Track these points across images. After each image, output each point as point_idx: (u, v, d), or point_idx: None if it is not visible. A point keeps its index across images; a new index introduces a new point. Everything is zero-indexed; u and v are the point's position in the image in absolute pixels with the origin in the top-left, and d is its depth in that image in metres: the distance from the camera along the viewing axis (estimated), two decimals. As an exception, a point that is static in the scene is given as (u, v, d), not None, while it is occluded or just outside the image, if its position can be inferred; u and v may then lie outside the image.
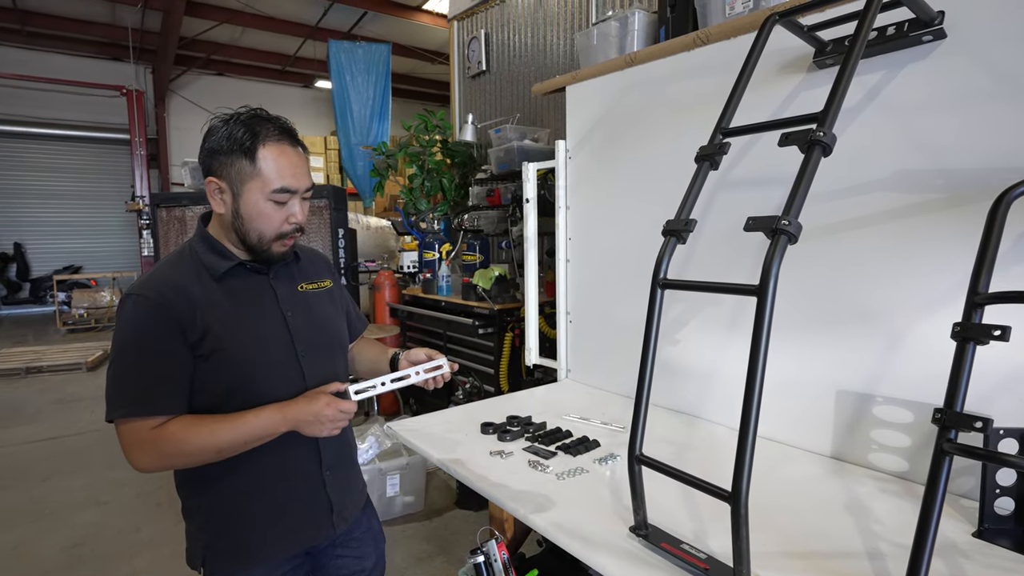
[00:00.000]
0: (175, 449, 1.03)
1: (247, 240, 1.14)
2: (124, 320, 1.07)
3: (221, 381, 1.11)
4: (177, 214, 4.56)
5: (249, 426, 1.06)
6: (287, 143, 1.13)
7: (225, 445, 1.05)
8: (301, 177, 1.13)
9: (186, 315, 1.06)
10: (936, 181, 1.24)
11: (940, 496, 0.84)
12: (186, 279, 1.10)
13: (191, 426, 1.05)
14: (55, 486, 3.45)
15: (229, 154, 1.09)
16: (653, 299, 1.10)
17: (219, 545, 1.17)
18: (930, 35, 1.20)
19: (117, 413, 1.04)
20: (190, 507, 1.21)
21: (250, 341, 1.14)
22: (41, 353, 6.68)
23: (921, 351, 1.28)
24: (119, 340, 1.07)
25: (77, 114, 9.98)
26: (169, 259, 1.16)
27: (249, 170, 1.09)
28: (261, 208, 1.11)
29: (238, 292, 1.16)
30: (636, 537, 1.08)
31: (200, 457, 1.06)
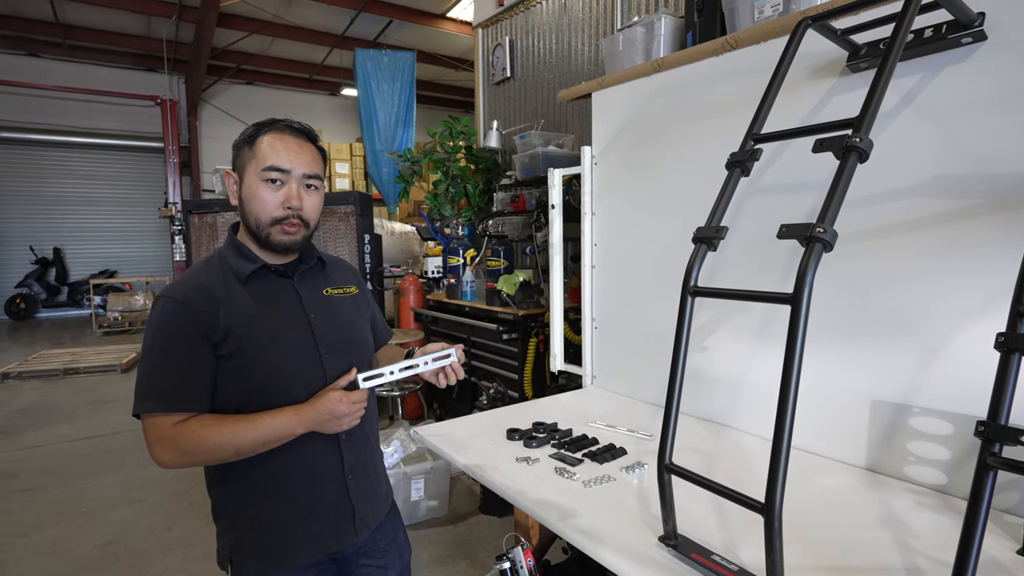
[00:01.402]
0: (194, 446, 1.06)
1: (249, 226, 1.17)
2: (152, 321, 1.12)
3: (244, 381, 1.13)
4: (208, 220, 4.67)
5: (266, 427, 1.09)
6: (289, 133, 1.18)
7: (242, 445, 1.08)
8: (296, 160, 1.15)
9: (210, 315, 1.10)
10: (977, 186, 1.21)
11: (984, 512, 0.82)
12: (212, 281, 1.14)
13: (210, 425, 1.08)
14: (91, 484, 3.55)
15: (240, 147, 1.18)
16: (683, 307, 1.09)
17: (244, 546, 1.20)
18: (970, 37, 1.17)
19: (142, 408, 1.08)
20: (219, 508, 1.23)
21: (273, 341, 1.16)
22: (78, 355, 6.90)
23: (961, 361, 1.24)
24: (147, 340, 1.11)
25: (114, 123, 10.32)
26: (198, 264, 1.20)
27: (249, 155, 1.16)
28: (255, 189, 1.14)
29: (263, 294, 1.19)
30: (665, 547, 1.07)
31: (218, 455, 1.09)
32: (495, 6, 4.25)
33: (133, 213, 11.00)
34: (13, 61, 9.42)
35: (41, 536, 2.93)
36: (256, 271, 1.19)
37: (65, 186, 10.50)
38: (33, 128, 9.80)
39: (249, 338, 1.13)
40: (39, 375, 6.21)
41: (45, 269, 10.38)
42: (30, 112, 9.74)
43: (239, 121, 11.08)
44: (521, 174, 3.46)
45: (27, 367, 6.28)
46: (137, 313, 9.32)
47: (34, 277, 10.21)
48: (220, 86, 10.86)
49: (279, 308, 1.20)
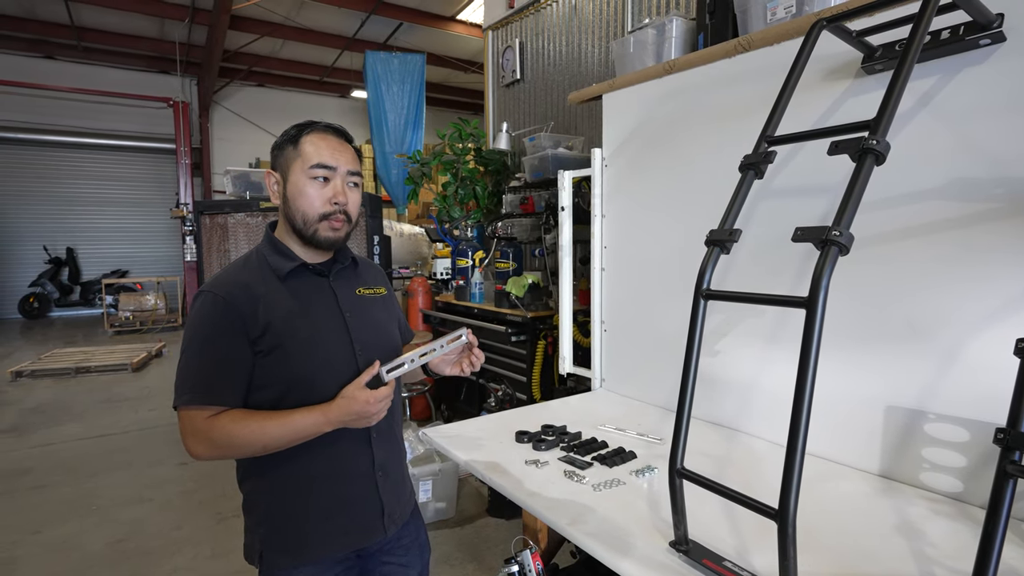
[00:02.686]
0: (224, 440, 1.08)
1: (295, 224, 1.19)
2: (193, 315, 1.14)
3: (281, 376, 1.15)
4: (219, 221, 4.70)
5: (293, 424, 1.10)
6: (331, 133, 1.21)
7: (270, 441, 1.10)
8: (340, 158, 1.19)
9: (249, 311, 1.12)
10: (995, 190, 1.19)
11: (1003, 520, 0.80)
12: (251, 278, 1.17)
13: (240, 420, 1.09)
14: (102, 482, 3.58)
15: (282, 147, 1.20)
16: (696, 310, 1.08)
17: (275, 540, 1.20)
18: (988, 38, 1.16)
19: (179, 400, 1.10)
20: (251, 502, 1.24)
21: (311, 338, 1.18)
22: (90, 354, 6.97)
23: (979, 367, 1.22)
24: (187, 333, 1.13)
25: (127, 125, 10.43)
26: (237, 261, 1.23)
27: (293, 154, 1.18)
28: (302, 187, 1.17)
29: (301, 292, 1.21)
30: (676, 552, 1.06)
31: (247, 450, 1.11)
32: (505, 8, 4.26)
33: (145, 214, 11.10)
34: (29, 63, 9.54)
35: (52, 533, 2.95)
36: (294, 269, 1.21)
37: (79, 187, 10.62)
38: (48, 129, 9.93)
39: (288, 334, 1.15)
40: (51, 374, 6.28)
41: (58, 269, 10.49)
42: (45, 113, 9.87)
43: (250, 123, 11.17)
44: (530, 176, 3.46)
45: (40, 366, 6.35)
46: (148, 313, 9.40)
47: (47, 276, 10.33)
48: (231, 88, 10.95)
49: (316, 306, 1.22)
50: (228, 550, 2.78)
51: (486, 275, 3.89)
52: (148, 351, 7.14)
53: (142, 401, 5.36)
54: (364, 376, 1.16)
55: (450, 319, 3.93)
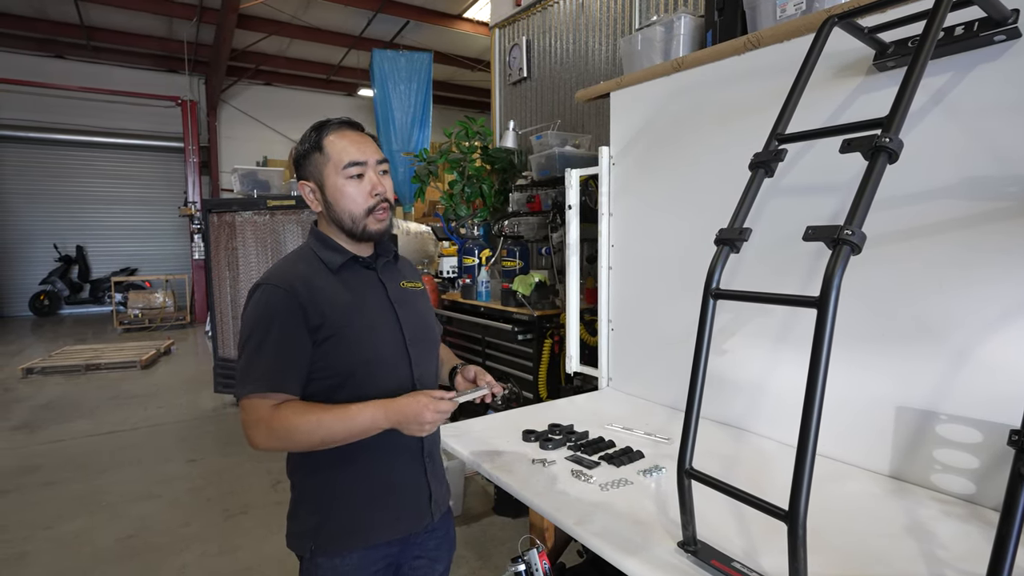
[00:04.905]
0: (284, 432, 1.09)
1: (344, 225, 1.21)
2: (254, 307, 1.15)
3: (337, 367, 1.17)
4: (227, 219, 4.73)
5: (352, 420, 1.10)
6: (347, 128, 1.23)
7: (328, 435, 1.10)
8: (367, 150, 1.21)
9: (308, 302, 1.14)
10: (1009, 188, 1.18)
11: (1017, 523, 0.79)
12: (307, 271, 1.19)
13: (301, 412, 1.10)
14: (112, 479, 3.61)
15: (306, 155, 1.22)
16: (705, 309, 1.07)
17: (331, 527, 1.21)
18: (1003, 35, 1.14)
19: (244, 390, 1.11)
20: (303, 489, 1.24)
21: (365, 329, 1.20)
22: (99, 351, 7.02)
23: (992, 367, 1.21)
24: (250, 325, 1.14)
25: (136, 124, 10.49)
26: (289, 257, 1.25)
27: (322, 159, 1.20)
28: (341, 188, 1.19)
29: (353, 284, 1.24)
30: (685, 553, 1.05)
31: (305, 442, 1.10)
32: (512, 6, 4.25)
33: (153, 212, 11.17)
34: (39, 63, 9.61)
35: (63, 529, 2.98)
36: (346, 262, 1.24)
37: (88, 185, 10.69)
38: (57, 128, 9.99)
39: (344, 324, 1.17)
40: (62, 371, 6.33)
41: (68, 267, 10.58)
42: (55, 112, 9.94)
43: (257, 122, 11.21)
44: (537, 174, 3.45)
45: (50, 363, 6.40)
46: (156, 311, 9.46)
47: (57, 274, 10.42)
48: (239, 87, 10.98)
49: (369, 298, 1.25)
50: (236, 547, 2.79)
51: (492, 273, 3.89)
52: (157, 349, 7.18)
53: (151, 398, 5.39)
54: (436, 392, 1.17)
55: (456, 317, 3.93)
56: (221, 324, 4.88)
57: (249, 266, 4.72)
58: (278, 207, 4.57)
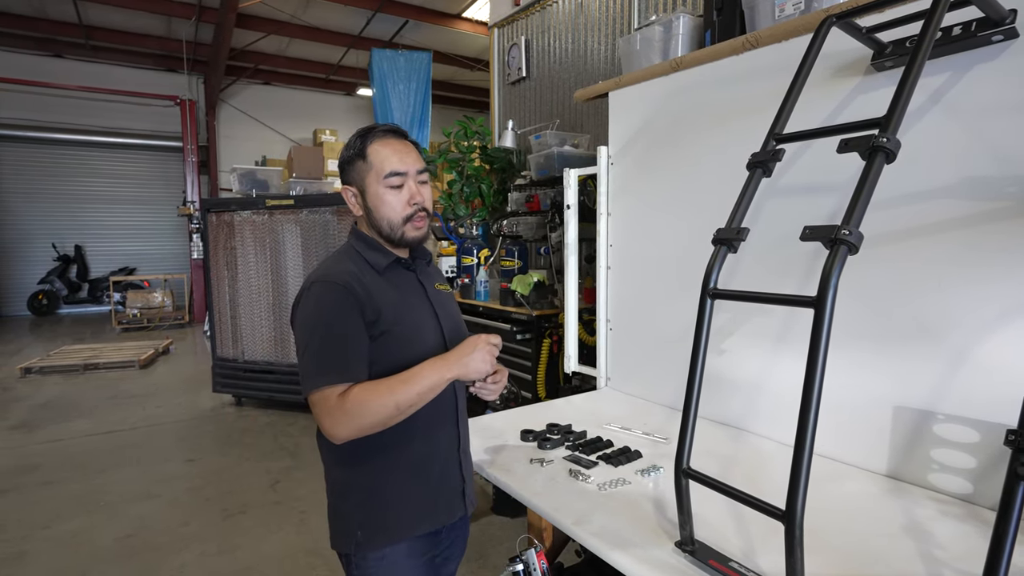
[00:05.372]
0: (358, 409, 1.09)
1: (382, 231, 1.26)
2: (311, 304, 1.18)
3: (388, 363, 1.19)
4: (226, 218, 4.72)
5: (419, 379, 1.13)
6: (391, 136, 1.27)
7: (401, 400, 1.11)
8: (408, 160, 1.25)
9: (364, 297, 1.17)
10: (1008, 188, 1.18)
11: (1014, 523, 0.79)
12: (356, 269, 1.22)
13: (369, 388, 1.12)
14: (110, 478, 3.60)
15: (351, 161, 1.27)
16: (702, 309, 1.07)
17: (375, 521, 1.23)
18: (1001, 35, 1.14)
19: (314, 384, 1.11)
20: (345, 487, 1.26)
21: (412, 326, 1.25)
22: (98, 351, 7.01)
23: (990, 367, 1.21)
24: (310, 321, 1.17)
25: (135, 123, 10.47)
26: (337, 257, 1.28)
27: (365, 167, 1.24)
28: (381, 196, 1.23)
29: (398, 284, 1.28)
30: (682, 553, 1.05)
31: (382, 413, 1.11)
32: (511, 6, 4.24)
33: (152, 211, 11.15)
34: (38, 62, 9.59)
35: (61, 528, 2.98)
36: (391, 263, 1.28)
37: (86, 184, 10.67)
38: (56, 127, 9.98)
39: (395, 322, 1.21)
40: (60, 370, 6.32)
41: (67, 266, 10.56)
42: (53, 112, 9.92)
43: (257, 121, 11.19)
44: (536, 174, 3.45)
45: (48, 362, 6.40)
46: (155, 310, 9.45)
47: (56, 274, 10.40)
48: (238, 86, 10.97)
49: (413, 298, 1.30)
50: (235, 546, 2.79)
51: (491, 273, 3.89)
52: (156, 348, 7.18)
53: (150, 398, 5.39)
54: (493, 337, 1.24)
55: (455, 317, 3.92)
56: (220, 323, 4.88)
57: (248, 266, 4.72)
58: (277, 207, 4.56)
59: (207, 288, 4.89)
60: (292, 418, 4.71)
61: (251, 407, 5.05)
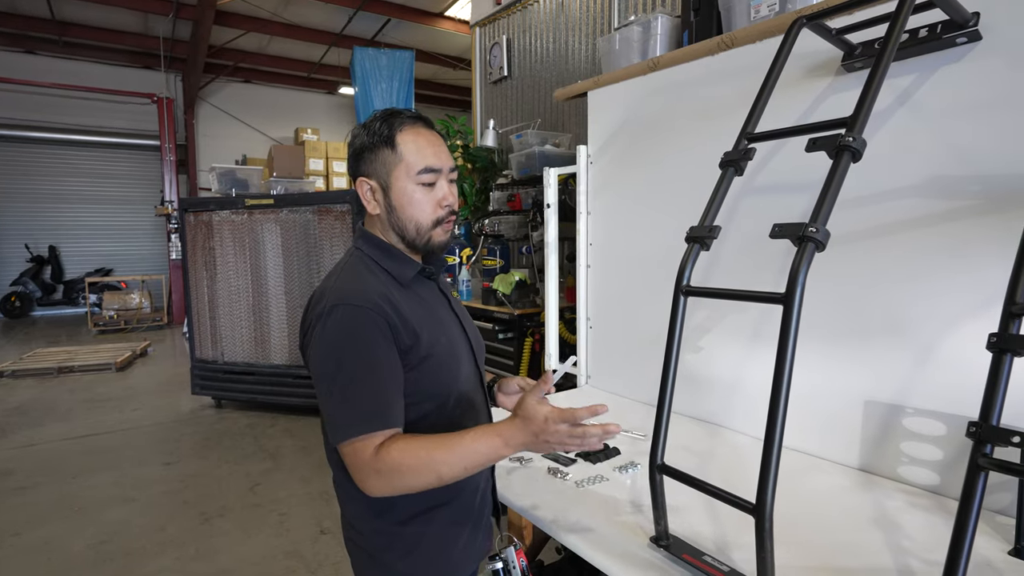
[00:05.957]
0: (392, 476, 0.93)
1: (406, 234, 1.08)
2: (337, 332, 0.97)
3: (430, 391, 1.05)
4: (204, 218, 4.66)
5: (468, 450, 0.94)
6: (422, 126, 1.09)
7: (446, 473, 0.94)
8: (443, 156, 1.09)
9: (397, 321, 0.99)
10: (972, 187, 1.21)
11: (975, 512, 0.81)
12: (383, 286, 1.03)
13: (407, 451, 0.93)
14: (85, 483, 3.53)
15: (372, 149, 1.07)
16: (676, 306, 1.08)
17: (425, 569, 1.09)
18: (964, 37, 1.17)
19: (348, 433, 0.94)
20: (386, 538, 1.08)
21: (449, 348, 1.09)
22: (73, 353, 6.87)
23: (956, 362, 1.24)
24: (335, 355, 0.96)
25: (111, 121, 10.27)
26: (352, 271, 1.06)
27: (393, 158, 1.05)
28: (411, 195, 1.06)
29: (425, 297, 1.11)
30: (657, 548, 1.06)
31: (417, 485, 0.94)
32: (492, 5, 4.24)
33: (129, 211, 10.94)
34: (10, 58, 9.35)
35: (33, 535, 2.91)
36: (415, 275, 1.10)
37: (61, 184, 10.43)
38: (29, 125, 9.74)
39: (435, 343, 1.04)
40: (34, 373, 6.18)
41: (40, 267, 10.32)
42: (26, 109, 9.68)
43: (237, 120, 11.04)
44: (517, 173, 3.45)
45: (21, 365, 6.25)
46: (133, 312, 9.28)
47: (29, 275, 10.16)
48: (217, 84, 10.81)
49: (441, 312, 1.12)
50: (213, 550, 2.75)
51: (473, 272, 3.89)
52: (133, 350, 7.05)
53: (127, 401, 5.29)
54: (541, 385, 1.02)
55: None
56: (199, 324, 4.81)
57: (227, 266, 4.65)
58: (256, 206, 4.51)
59: (186, 289, 4.82)
60: (272, 419, 4.66)
61: (231, 409, 4.99)
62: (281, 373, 4.57)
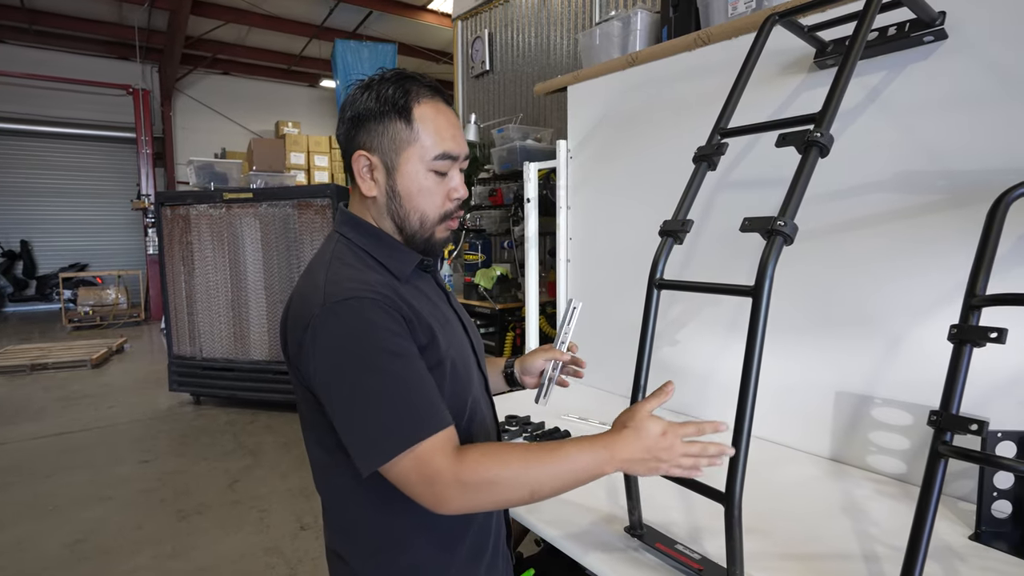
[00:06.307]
0: (480, 486, 0.77)
1: (406, 226, 0.92)
2: (346, 332, 0.79)
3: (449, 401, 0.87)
4: (181, 212, 4.58)
5: (571, 465, 0.81)
6: (442, 101, 0.92)
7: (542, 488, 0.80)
8: (461, 141, 0.93)
9: (410, 314, 0.85)
10: (938, 182, 1.23)
11: (935, 498, 0.84)
12: (384, 278, 0.88)
13: (498, 456, 0.79)
14: (59, 482, 3.47)
15: (381, 118, 0.88)
16: (649, 299, 1.10)
17: None
18: (931, 35, 1.20)
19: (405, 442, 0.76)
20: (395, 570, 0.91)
21: (459, 350, 0.96)
22: (46, 350, 6.72)
23: (921, 353, 1.27)
24: (351, 359, 0.78)
25: (85, 113, 10.04)
26: (340, 262, 0.88)
27: (406, 135, 0.88)
28: (421, 182, 0.90)
29: (426, 292, 0.95)
30: (632, 537, 1.08)
31: (507, 500, 0.81)
32: (474, -1, 4.23)
33: (105, 205, 10.72)
34: (-23, 47, 9.11)
35: (5, 536, 2.85)
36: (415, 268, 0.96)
37: (33, 177, 10.19)
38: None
39: (449, 346, 0.91)
40: (5, 371, 6.03)
41: (12, 262, 10.08)
42: (-4, 100, 9.45)
43: (215, 112, 10.86)
44: (499, 168, 3.45)
45: (-7, 363, 6.11)
46: (109, 308, 9.10)
47: (0, 271, 9.92)
48: (195, 76, 10.62)
49: (444, 310, 0.98)
50: (191, 547, 2.72)
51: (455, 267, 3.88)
52: (109, 347, 6.92)
53: (102, 398, 5.20)
54: (655, 399, 0.91)
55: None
56: (176, 320, 4.74)
57: (205, 261, 4.59)
58: (235, 200, 4.45)
59: (163, 284, 4.74)
60: (253, 416, 4.62)
61: (210, 406, 4.93)
62: (261, 369, 4.52)
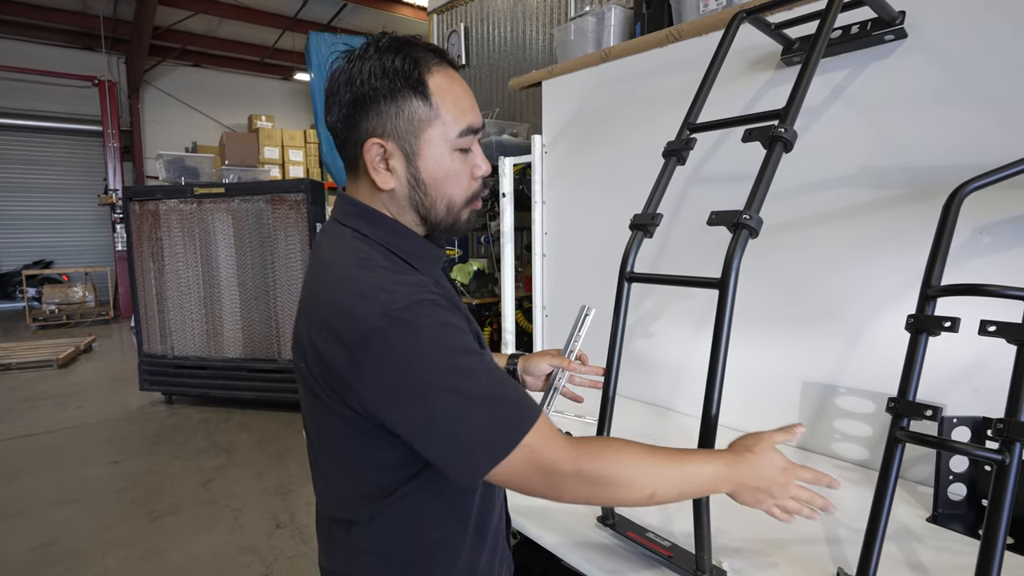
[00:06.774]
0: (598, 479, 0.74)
1: (433, 215, 0.82)
2: (424, 339, 0.70)
3: None
4: (150, 208, 4.48)
5: (694, 474, 0.79)
6: (450, 66, 0.81)
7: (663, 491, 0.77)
8: (478, 109, 0.84)
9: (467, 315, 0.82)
10: (899, 177, 1.27)
11: (892, 482, 0.87)
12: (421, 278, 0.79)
13: (624, 452, 0.76)
14: (25, 485, 3.37)
15: (393, 96, 0.75)
16: (620, 292, 1.11)
17: None
18: (892, 34, 1.23)
19: (519, 430, 0.71)
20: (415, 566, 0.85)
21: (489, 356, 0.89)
22: (9, 350, 6.52)
23: (883, 343, 1.31)
24: (435, 368, 0.70)
25: (48, 105, 9.71)
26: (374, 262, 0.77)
27: (424, 113, 0.76)
28: (448, 165, 0.79)
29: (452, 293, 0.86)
30: (604, 527, 1.10)
31: (633, 497, 0.76)
32: (450, -8, 4.20)
33: (70, 200, 10.40)
34: (-69, 35, 8.75)
35: (-33, 540, 2.77)
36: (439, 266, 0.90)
37: (-7, 171, 9.85)
38: (-44, 108, 9.15)
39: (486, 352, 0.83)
40: (-34, 372, 5.85)
41: (-28, 259, 9.74)
42: (-48, 91, 9.09)
43: (186, 105, 10.60)
44: (476, 163, 3.44)
45: (-48, 363, 5.91)
46: (76, 306, 8.86)
47: (-40, 268, 9.59)
48: (164, 68, 10.35)
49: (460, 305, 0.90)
50: (163, 548, 2.68)
51: (433, 263, 3.86)
52: (76, 346, 6.74)
53: (70, 398, 5.07)
54: (782, 433, 0.86)
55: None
56: (146, 318, 4.63)
57: (175, 257, 4.49)
58: (206, 195, 4.36)
59: (132, 282, 4.63)
60: (227, 414, 4.55)
61: (183, 404, 4.84)
62: (235, 367, 4.45)
